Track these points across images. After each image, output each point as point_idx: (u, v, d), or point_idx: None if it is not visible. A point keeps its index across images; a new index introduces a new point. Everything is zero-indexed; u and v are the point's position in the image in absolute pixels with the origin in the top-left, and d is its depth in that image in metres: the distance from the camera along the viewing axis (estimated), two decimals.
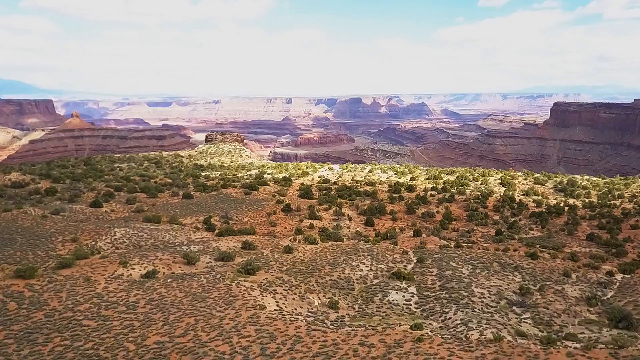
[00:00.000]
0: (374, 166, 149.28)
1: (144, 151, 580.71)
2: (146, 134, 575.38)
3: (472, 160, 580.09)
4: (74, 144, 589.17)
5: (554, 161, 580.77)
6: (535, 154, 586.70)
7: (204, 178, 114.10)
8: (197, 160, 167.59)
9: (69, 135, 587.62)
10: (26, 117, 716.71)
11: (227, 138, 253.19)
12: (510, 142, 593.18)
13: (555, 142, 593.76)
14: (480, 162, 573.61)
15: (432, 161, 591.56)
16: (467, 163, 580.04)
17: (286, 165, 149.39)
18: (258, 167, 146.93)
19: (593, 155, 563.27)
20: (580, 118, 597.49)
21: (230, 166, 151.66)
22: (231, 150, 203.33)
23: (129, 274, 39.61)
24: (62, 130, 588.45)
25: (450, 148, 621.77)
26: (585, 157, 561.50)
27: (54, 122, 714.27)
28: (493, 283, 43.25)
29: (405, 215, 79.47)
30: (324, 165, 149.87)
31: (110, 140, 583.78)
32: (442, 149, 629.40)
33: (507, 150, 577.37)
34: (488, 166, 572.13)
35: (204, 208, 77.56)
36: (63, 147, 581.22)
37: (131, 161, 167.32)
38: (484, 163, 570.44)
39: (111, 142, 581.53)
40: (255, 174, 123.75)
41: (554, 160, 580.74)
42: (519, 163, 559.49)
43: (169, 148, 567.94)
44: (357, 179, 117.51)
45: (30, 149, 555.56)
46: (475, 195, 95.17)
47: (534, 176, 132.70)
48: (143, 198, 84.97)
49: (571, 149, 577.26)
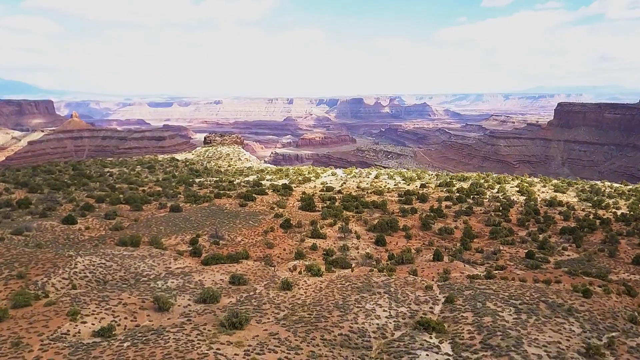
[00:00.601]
0: (380, 171, 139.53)
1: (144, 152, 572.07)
2: (146, 134, 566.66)
3: (476, 162, 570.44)
4: (73, 145, 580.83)
5: (559, 162, 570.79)
6: (539, 155, 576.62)
7: (197, 186, 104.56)
8: (193, 165, 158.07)
9: (68, 136, 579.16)
10: (26, 118, 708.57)
11: (226, 140, 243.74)
12: (514, 143, 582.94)
13: (560, 143, 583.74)
14: (483, 163, 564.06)
15: (435, 162, 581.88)
16: (471, 164, 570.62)
17: (287, 170, 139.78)
18: (257, 172, 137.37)
19: (598, 157, 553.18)
20: (584, 119, 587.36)
21: (228, 171, 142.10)
22: (229, 153, 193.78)
23: (76, 332, 29.96)
24: (61, 131, 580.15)
25: (453, 149, 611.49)
26: (590, 158, 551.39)
27: (54, 123, 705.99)
28: (549, 337, 33.62)
29: (420, 232, 69.80)
30: (327, 170, 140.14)
31: (109, 141, 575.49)
32: (445, 150, 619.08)
33: (511, 151, 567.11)
34: (492, 167, 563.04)
35: (192, 224, 67.95)
36: (62, 148, 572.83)
37: (124, 165, 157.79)
38: (487, 164, 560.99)
39: (111, 143, 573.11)
40: (253, 180, 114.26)
41: (559, 161, 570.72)
42: (523, 164, 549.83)
43: (168, 149, 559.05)
44: (363, 187, 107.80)
45: (28, 150, 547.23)
46: (495, 207, 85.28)
47: (553, 182, 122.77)
48: (126, 211, 75.41)
49: (576, 149, 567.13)
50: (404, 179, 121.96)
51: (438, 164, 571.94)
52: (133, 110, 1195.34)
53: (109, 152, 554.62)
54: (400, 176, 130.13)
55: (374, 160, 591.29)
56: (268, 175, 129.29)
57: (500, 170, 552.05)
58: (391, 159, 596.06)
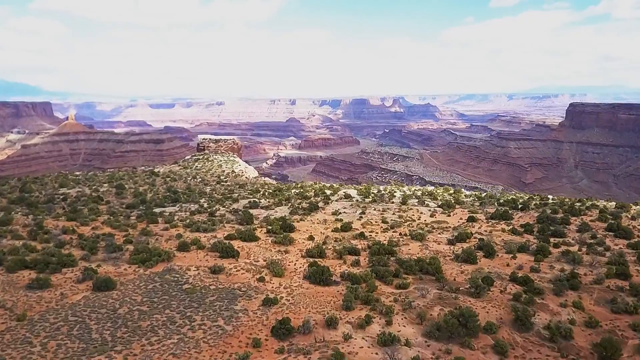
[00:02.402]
0: (404, 191, 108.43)
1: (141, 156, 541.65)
2: (143, 137, 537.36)
3: (485, 164, 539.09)
4: (68, 148, 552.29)
5: (571, 165, 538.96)
6: (551, 158, 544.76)
7: (165, 221, 73.79)
8: (174, 181, 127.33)
9: (63, 139, 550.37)
10: (23, 120, 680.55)
11: (221, 146, 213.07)
12: (525, 145, 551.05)
13: (572, 145, 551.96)
14: (493, 166, 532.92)
15: (443, 165, 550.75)
16: (480, 167, 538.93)
17: (287, 191, 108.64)
18: (251, 193, 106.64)
19: (612, 159, 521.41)
20: (597, 119, 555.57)
21: (215, 191, 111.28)
22: (222, 163, 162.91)
23: None
24: (56, 134, 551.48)
25: (461, 151, 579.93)
26: (604, 160, 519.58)
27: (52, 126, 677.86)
28: None
29: (517, 335, 39.16)
30: (338, 190, 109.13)
31: (106, 144, 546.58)
32: (453, 152, 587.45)
33: (522, 153, 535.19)
34: (502, 170, 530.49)
35: (112, 324, 37.46)
36: (57, 151, 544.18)
37: (91, 181, 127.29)
38: (497, 167, 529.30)
39: (107, 146, 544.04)
40: (244, 209, 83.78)
41: (571, 164, 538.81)
42: (535, 167, 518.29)
43: (167, 152, 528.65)
44: (391, 220, 77.22)
45: (22, 154, 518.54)
46: (609, 270, 53.60)
47: (637, 207, 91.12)
48: (20, 288, 44.92)
49: (589, 152, 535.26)
50: (441, 205, 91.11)
51: (446, 167, 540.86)
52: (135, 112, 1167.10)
53: (105, 156, 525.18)
54: (432, 198, 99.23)
55: (379, 163, 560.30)
56: (264, 199, 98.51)
57: (511, 174, 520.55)
58: (397, 161, 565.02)
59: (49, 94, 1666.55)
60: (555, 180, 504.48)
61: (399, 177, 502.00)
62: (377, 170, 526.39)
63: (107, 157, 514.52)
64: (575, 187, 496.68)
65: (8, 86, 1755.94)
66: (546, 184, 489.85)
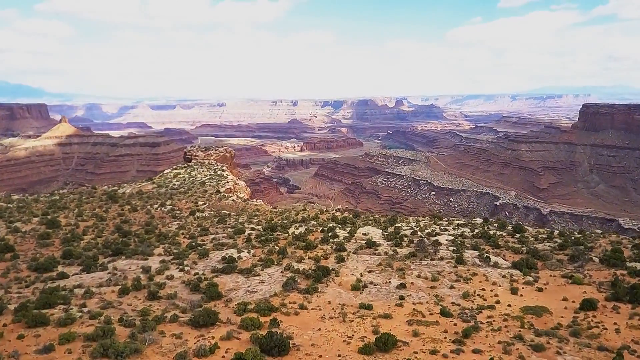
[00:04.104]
0: (450, 233, 74.96)
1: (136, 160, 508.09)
2: (139, 140, 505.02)
3: (495, 168, 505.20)
4: (61, 152, 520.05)
5: (586, 169, 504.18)
6: (564, 161, 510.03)
7: (56, 323, 40.78)
8: (134, 211, 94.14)
9: (55, 142, 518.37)
10: (18, 123, 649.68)
11: (210, 155, 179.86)
12: (536, 148, 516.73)
13: (586, 148, 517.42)
14: (504, 170, 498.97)
15: (451, 169, 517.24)
16: (490, 171, 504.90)
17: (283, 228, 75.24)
18: (232, 234, 73.79)
19: (629, 162, 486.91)
20: (612, 121, 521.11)
21: (182, 230, 78.19)
22: (206, 180, 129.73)
23: None
24: (48, 137, 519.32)
25: (469, 154, 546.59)
26: (620, 164, 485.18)
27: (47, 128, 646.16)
28: None
29: None
30: (354, 229, 75.70)
31: (100, 148, 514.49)
32: (460, 155, 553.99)
33: (534, 156, 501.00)
34: (514, 175, 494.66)
35: None
36: (49, 155, 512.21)
37: (22, 210, 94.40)
38: (508, 171, 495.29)
39: (101, 150, 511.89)
40: (207, 287, 50.20)
41: (586, 168, 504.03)
42: (548, 171, 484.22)
43: (163, 156, 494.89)
44: (452, 304, 44.44)
45: (11, 158, 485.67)
46: None
47: None
48: None
49: (604, 155, 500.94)
50: (514, 262, 57.93)
51: (455, 171, 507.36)
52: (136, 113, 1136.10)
53: (99, 160, 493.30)
54: (492, 245, 66.08)
55: (384, 166, 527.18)
56: (247, 249, 65.44)
57: (523, 178, 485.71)
58: (403, 165, 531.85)
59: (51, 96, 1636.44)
60: (570, 184, 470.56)
61: (406, 182, 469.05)
62: (383, 174, 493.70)
63: (101, 162, 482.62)
64: (592, 192, 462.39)
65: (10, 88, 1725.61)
66: (561, 189, 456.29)
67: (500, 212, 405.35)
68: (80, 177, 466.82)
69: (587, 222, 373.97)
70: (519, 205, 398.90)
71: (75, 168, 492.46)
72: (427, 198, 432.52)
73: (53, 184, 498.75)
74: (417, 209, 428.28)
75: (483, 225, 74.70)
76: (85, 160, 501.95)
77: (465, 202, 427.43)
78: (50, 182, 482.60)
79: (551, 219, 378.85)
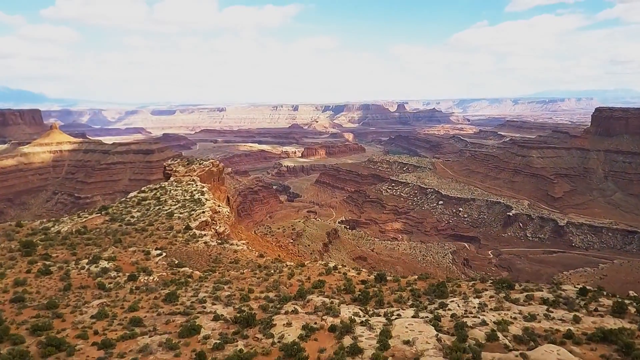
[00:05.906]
0: (506, 338, 44.56)
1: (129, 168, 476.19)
2: (132, 147, 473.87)
3: (505, 175, 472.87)
4: (51, 160, 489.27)
5: (600, 176, 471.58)
6: (577, 168, 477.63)
7: None
8: (46, 273, 63.65)
9: (45, 149, 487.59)
10: (10, 129, 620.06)
11: (193, 171, 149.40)
12: (547, 154, 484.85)
13: (599, 154, 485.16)
14: (514, 177, 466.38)
15: (458, 176, 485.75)
16: (499, 178, 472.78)
17: (262, 324, 45.09)
18: (181, 331, 44.05)
19: None
20: (627, 125, 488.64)
21: (116, 304, 48.08)
22: (176, 210, 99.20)
23: None
24: (38, 144, 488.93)
25: (477, 160, 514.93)
26: (636, 170, 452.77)
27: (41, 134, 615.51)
28: None
29: None
30: (388, 327, 45.72)
31: (92, 155, 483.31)
32: (468, 162, 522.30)
33: (545, 163, 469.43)
34: (525, 182, 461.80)
35: None
36: (39, 163, 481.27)
37: None
38: (519, 179, 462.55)
39: (93, 157, 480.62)
40: None
41: (600, 175, 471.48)
42: (561, 178, 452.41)
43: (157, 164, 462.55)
44: None
45: None
46: None
47: None
48: None
49: (619, 161, 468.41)
50: None
51: (462, 178, 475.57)
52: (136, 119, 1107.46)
53: (90, 168, 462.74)
54: None
55: (388, 173, 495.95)
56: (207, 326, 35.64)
57: (536, 186, 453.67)
58: (408, 172, 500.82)
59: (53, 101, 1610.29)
60: (586, 193, 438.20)
61: (412, 190, 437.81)
62: (387, 181, 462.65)
63: (92, 170, 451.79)
64: (609, 201, 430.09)
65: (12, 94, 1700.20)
66: (577, 198, 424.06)
67: (513, 224, 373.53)
68: (70, 186, 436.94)
69: (608, 235, 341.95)
70: (534, 216, 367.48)
71: (65, 177, 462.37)
72: (434, 208, 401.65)
73: (41, 194, 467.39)
74: (424, 219, 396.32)
75: (583, 303, 43.82)
76: (76, 169, 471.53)
77: (475, 212, 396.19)
78: (39, 192, 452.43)
79: (568, 231, 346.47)
